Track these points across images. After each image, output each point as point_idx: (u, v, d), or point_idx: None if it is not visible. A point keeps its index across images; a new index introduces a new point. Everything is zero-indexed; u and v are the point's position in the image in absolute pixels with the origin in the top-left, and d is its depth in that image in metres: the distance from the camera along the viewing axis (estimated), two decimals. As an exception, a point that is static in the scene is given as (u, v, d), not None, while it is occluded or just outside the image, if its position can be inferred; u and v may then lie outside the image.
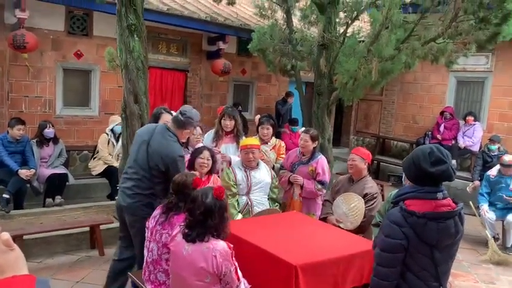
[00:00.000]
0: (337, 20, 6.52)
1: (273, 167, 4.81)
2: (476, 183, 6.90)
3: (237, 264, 2.54)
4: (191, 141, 4.49)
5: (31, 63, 7.13)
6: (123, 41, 4.77)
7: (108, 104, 8.03)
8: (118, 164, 6.17)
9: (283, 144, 5.32)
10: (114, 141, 6.62)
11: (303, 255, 2.88)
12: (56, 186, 6.10)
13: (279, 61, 7.27)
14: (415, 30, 5.72)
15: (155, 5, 7.50)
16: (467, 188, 7.16)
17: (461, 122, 8.79)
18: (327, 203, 4.35)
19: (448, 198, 2.20)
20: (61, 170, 6.29)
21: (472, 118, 8.53)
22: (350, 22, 6.48)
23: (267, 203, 4.29)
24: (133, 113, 4.88)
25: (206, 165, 3.86)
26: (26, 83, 7.24)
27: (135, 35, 4.77)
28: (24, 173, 5.65)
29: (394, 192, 3.09)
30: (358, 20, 6.62)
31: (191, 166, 3.86)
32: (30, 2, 6.55)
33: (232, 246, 2.53)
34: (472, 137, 8.47)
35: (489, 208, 5.97)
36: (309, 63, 7.30)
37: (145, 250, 3.04)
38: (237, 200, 4.18)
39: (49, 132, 6.20)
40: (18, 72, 7.15)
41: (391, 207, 2.48)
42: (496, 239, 5.84)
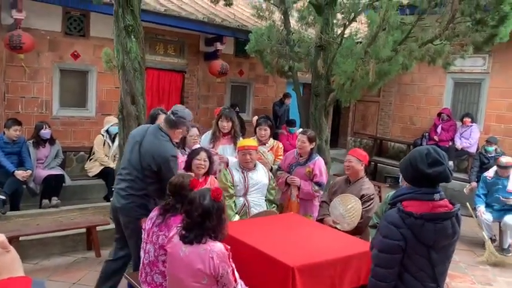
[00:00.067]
0: (335, 21, 6.55)
1: (271, 169, 4.80)
2: (473, 184, 6.91)
3: (234, 265, 2.53)
4: (188, 142, 4.48)
5: (28, 63, 7.12)
6: (120, 41, 4.76)
7: (105, 105, 8.00)
8: (114, 165, 6.16)
9: (281, 145, 5.31)
10: (109, 142, 6.60)
11: (300, 257, 2.87)
12: (52, 187, 6.08)
13: (276, 62, 7.26)
14: (412, 31, 5.74)
15: (152, 5, 7.50)
16: (464, 189, 7.16)
17: (459, 123, 8.81)
18: (324, 204, 4.35)
19: (445, 199, 2.20)
20: (57, 171, 6.27)
21: (469, 119, 8.56)
22: (347, 23, 6.49)
23: (264, 204, 4.29)
24: (130, 114, 4.86)
25: (203, 166, 3.84)
26: (22, 83, 7.22)
27: (132, 36, 4.76)
28: (20, 174, 5.63)
29: (391, 193, 3.09)
30: (356, 21, 6.63)
31: (188, 167, 3.84)
32: (27, 2, 6.53)
33: (229, 247, 2.52)
34: (469, 139, 8.51)
35: (486, 209, 5.99)
36: (306, 64, 7.31)
37: (141, 252, 3.03)
38: (234, 201, 4.18)
39: (45, 133, 6.18)
40: (15, 72, 7.13)
41: (388, 208, 2.48)
42: (493, 241, 5.85)
